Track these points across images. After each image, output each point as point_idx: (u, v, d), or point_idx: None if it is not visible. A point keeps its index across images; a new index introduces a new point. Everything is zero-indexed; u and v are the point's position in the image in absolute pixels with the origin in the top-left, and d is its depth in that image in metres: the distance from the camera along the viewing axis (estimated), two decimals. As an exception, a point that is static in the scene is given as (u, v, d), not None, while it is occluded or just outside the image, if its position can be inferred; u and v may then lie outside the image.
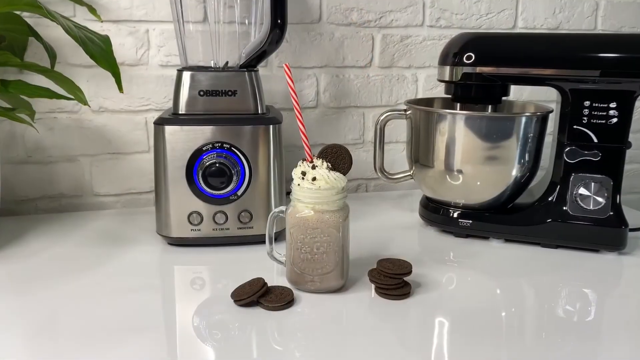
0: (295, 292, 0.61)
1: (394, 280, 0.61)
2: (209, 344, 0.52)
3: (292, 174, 0.61)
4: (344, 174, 0.61)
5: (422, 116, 0.81)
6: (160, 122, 0.73)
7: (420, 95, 1.05)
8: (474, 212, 0.80)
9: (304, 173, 0.60)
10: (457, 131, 0.77)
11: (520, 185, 0.79)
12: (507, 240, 0.79)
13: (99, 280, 0.65)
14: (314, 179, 0.59)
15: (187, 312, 0.58)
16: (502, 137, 0.75)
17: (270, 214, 0.64)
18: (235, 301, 0.59)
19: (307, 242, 0.60)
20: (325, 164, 0.61)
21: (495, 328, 0.56)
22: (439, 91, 1.05)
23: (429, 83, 1.05)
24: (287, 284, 0.63)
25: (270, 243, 0.65)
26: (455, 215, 0.81)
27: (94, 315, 0.57)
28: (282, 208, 0.63)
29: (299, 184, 0.60)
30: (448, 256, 0.75)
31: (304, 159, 0.62)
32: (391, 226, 0.86)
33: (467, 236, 0.81)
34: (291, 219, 0.61)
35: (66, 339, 0.53)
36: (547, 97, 1.07)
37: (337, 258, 0.61)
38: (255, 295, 0.58)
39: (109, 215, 0.90)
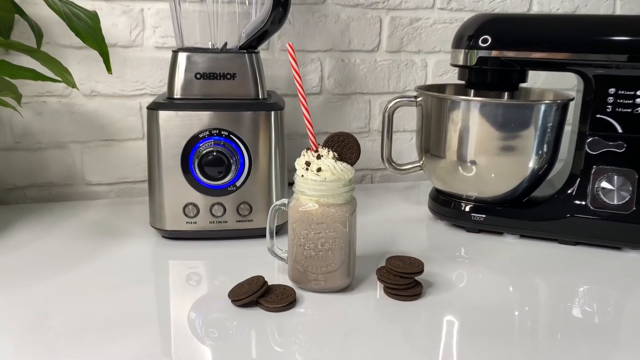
0: (298, 292, 0.57)
1: (404, 279, 0.56)
2: (205, 342, 0.49)
3: (295, 164, 0.57)
4: (352, 165, 0.57)
5: (434, 103, 0.76)
6: (153, 107, 0.68)
7: (429, 82, 1.00)
8: (487, 206, 0.75)
9: (308, 163, 0.55)
10: (471, 119, 0.72)
11: (537, 178, 0.74)
12: (523, 236, 0.75)
13: (90, 275, 0.62)
14: (319, 169, 0.54)
15: (182, 309, 0.55)
16: (520, 126, 0.70)
17: (271, 207, 0.59)
18: (232, 301, 0.55)
19: (311, 237, 0.55)
20: (331, 153, 0.56)
21: (510, 330, 0.52)
22: (449, 78, 1.00)
23: (439, 69, 1.00)
24: (289, 283, 0.59)
25: (271, 238, 0.61)
26: (467, 209, 0.76)
27: (85, 311, 0.54)
28: (284, 201, 0.59)
29: (302, 175, 0.55)
30: (460, 252, 0.70)
31: (308, 148, 0.57)
32: (398, 220, 0.81)
33: (479, 231, 0.76)
34: (294, 213, 0.56)
35: (56, 335, 0.50)
36: (562, 84, 1.02)
37: (344, 255, 0.56)
38: (255, 295, 0.54)
39: (101, 205, 0.86)
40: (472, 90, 0.79)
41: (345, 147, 0.57)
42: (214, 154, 0.67)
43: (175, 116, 0.67)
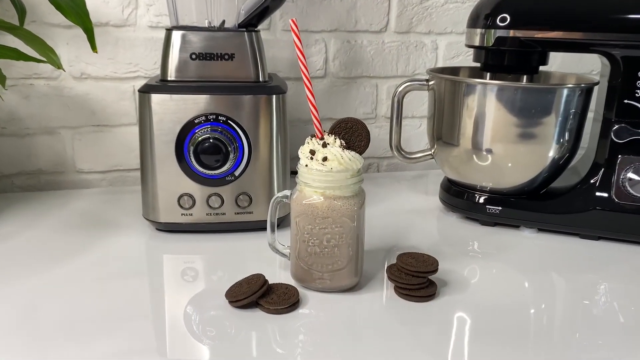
0: (301, 291, 0.53)
1: (417, 279, 0.52)
2: (203, 341, 0.46)
3: (299, 152, 0.52)
4: (361, 154, 0.52)
5: (448, 87, 0.70)
6: (145, 90, 0.63)
7: (440, 65, 0.94)
8: (503, 198, 0.70)
9: (312, 152, 0.50)
10: (487, 104, 0.67)
11: (557, 168, 0.69)
12: (541, 230, 0.70)
13: (80, 269, 0.58)
14: (324, 159, 0.50)
15: (178, 306, 0.51)
16: (540, 112, 0.65)
17: (273, 199, 0.55)
18: (230, 302, 0.50)
19: (315, 233, 0.51)
20: (338, 141, 0.51)
21: (527, 331, 0.48)
22: (461, 61, 0.95)
23: (451, 51, 0.94)
24: (291, 281, 0.54)
25: (272, 232, 0.56)
26: (482, 200, 0.71)
27: (75, 305, 0.51)
28: (287, 192, 0.54)
29: (306, 165, 0.51)
30: (474, 247, 0.66)
31: (312, 135, 0.52)
32: (407, 211, 0.77)
33: (494, 224, 0.71)
34: (297, 206, 0.51)
35: (46, 330, 0.47)
36: (580, 69, 0.97)
37: (351, 252, 0.52)
38: (254, 295, 0.49)
39: (92, 194, 0.81)
40: (488, 74, 0.74)
41: (353, 134, 0.52)
42: (211, 140, 0.62)
43: (169, 100, 0.62)
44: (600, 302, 0.53)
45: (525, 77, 0.72)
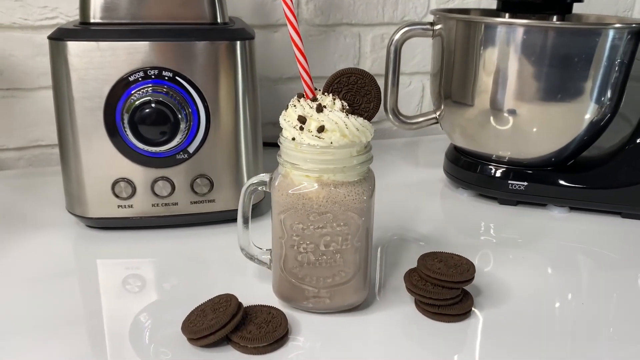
0: (289, 314, 0.38)
1: (450, 291, 0.38)
2: None
3: (281, 120, 0.36)
4: (369, 119, 0.36)
5: (460, 31, 0.55)
6: (58, 36, 0.46)
7: (433, 8, 0.79)
8: (525, 170, 0.57)
9: (303, 119, 0.35)
10: (511, 52, 0.53)
11: (593, 133, 0.56)
12: (573, 209, 0.57)
13: None
14: (321, 128, 0.34)
15: (121, 326, 0.38)
16: (579, 61, 0.51)
17: (244, 187, 0.39)
18: (190, 340, 0.35)
19: (309, 235, 0.36)
20: (338, 102, 0.35)
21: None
22: (459, 4, 0.79)
23: (446, -7, 0.79)
24: (274, 299, 0.39)
25: (245, 231, 0.41)
26: (499, 174, 0.58)
27: None
28: (264, 177, 0.38)
29: (293, 138, 0.35)
30: (497, 234, 0.53)
31: (300, 95, 0.37)
32: (405, 189, 0.63)
33: (516, 203, 0.58)
34: (281, 197, 0.36)
35: None
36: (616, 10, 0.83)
37: (359, 259, 0.37)
38: (224, 329, 0.34)
39: (6, 178, 0.64)
40: (507, 15, 0.59)
41: (359, 91, 0.36)
42: (153, 106, 0.45)
43: (95, 49, 0.45)
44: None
45: (555, 18, 0.58)
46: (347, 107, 0.35)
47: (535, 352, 0.36)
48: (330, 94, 0.36)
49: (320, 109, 0.34)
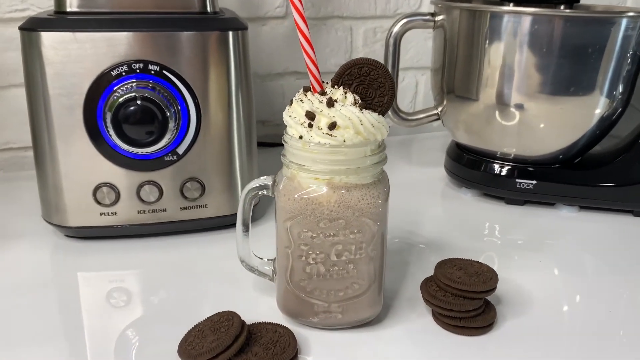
0: (297, 331, 0.34)
1: (472, 302, 0.34)
2: None
3: (286, 116, 0.32)
4: (383, 114, 0.33)
5: (464, 21, 0.52)
6: (31, 27, 0.41)
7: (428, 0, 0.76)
8: (533, 168, 0.54)
9: (311, 115, 0.31)
10: (519, 43, 0.50)
11: (604, 128, 0.54)
12: (583, 208, 0.54)
13: None
14: (332, 125, 0.30)
15: (105, 341, 0.35)
16: (590, 52, 0.49)
17: (245, 191, 0.35)
18: (187, 365, 0.31)
19: (318, 244, 0.32)
20: (350, 96, 0.32)
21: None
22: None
23: (439, -15, 0.76)
24: (279, 315, 0.35)
25: (245, 240, 0.37)
26: (505, 172, 0.55)
27: None
28: (266, 180, 0.35)
29: (301, 137, 0.31)
30: (506, 236, 0.50)
31: (306, 88, 0.33)
32: (404, 187, 0.59)
33: (524, 203, 0.55)
34: (287, 203, 0.32)
35: None
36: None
37: (374, 269, 0.34)
38: (228, 352, 0.30)
39: (-27, 184, 0.59)
40: (511, 4, 0.56)
41: (372, 84, 0.33)
42: (139, 103, 0.41)
43: (72, 41, 0.41)
44: None
45: (562, 7, 0.55)
46: (360, 101, 0.32)
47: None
48: (341, 87, 0.32)
49: (331, 103, 0.31)
